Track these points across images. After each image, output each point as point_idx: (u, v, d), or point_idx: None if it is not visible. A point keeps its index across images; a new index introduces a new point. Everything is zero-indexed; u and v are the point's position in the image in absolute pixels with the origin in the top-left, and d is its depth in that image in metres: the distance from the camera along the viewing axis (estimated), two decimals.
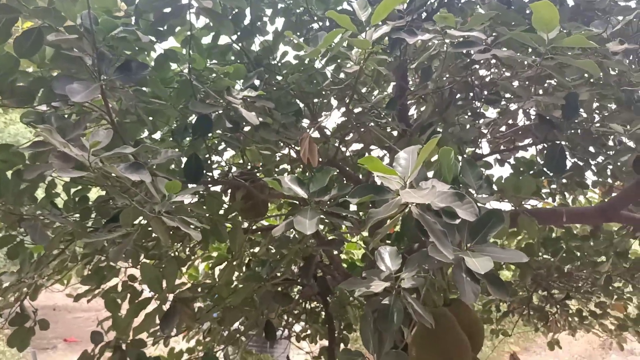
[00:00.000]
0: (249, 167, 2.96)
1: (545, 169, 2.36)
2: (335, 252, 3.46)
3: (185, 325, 3.41)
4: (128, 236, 1.62)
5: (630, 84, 2.06)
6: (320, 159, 2.38)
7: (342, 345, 4.55)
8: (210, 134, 2.58)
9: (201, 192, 2.45)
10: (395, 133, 2.90)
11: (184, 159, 2.23)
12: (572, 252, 3.91)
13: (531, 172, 3.03)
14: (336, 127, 3.02)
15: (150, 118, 2.26)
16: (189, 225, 1.67)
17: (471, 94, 2.75)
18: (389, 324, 1.67)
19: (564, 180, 3.43)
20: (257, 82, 2.30)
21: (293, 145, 2.64)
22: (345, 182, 3.02)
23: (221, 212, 2.44)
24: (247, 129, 2.46)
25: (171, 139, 2.22)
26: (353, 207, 2.41)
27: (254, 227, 3.07)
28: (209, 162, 2.53)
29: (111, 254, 1.65)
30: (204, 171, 2.43)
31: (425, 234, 1.51)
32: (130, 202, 1.55)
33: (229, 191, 2.87)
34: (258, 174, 2.89)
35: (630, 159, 2.18)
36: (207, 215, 2.33)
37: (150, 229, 2.56)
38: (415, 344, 2.90)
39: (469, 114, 2.93)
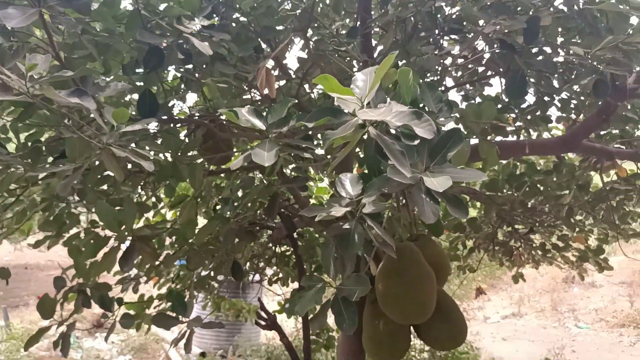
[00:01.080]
0: (210, 110, 2.88)
1: (506, 97, 2.34)
2: (304, 195, 3.44)
3: (149, 265, 3.39)
4: (77, 170, 1.55)
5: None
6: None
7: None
8: (163, 70, 2.48)
9: (158, 130, 2.37)
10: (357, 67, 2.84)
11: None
12: (535, 187, 3.96)
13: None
14: (298, 65, 2.94)
15: (102, 57, 2.16)
16: (142, 157, 1.61)
17: (436, 30, 2.70)
18: (349, 248, 1.66)
19: (529, 117, 3.44)
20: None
21: (251, 82, 2.57)
22: None
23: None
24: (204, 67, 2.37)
25: (121, 72, 2.12)
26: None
27: (217, 169, 3.01)
28: (168, 105, 2.45)
29: (58, 187, 1.59)
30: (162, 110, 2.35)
31: (384, 157, 1.48)
32: (77, 133, 1.48)
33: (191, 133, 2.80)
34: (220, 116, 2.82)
35: (590, 82, 2.16)
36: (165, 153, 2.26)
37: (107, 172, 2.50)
38: (381, 278, 2.93)
39: (433, 46, 2.88)
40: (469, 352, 6.50)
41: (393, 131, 1.43)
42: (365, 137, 1.49)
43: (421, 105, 1.68)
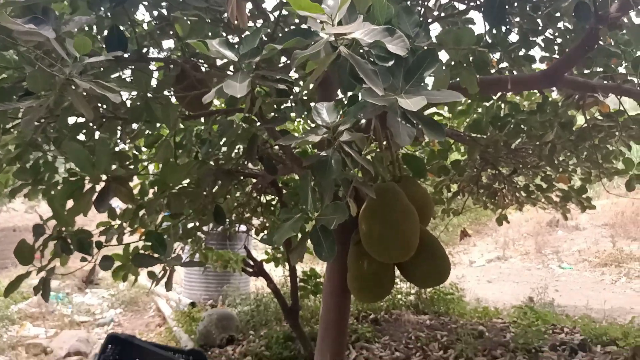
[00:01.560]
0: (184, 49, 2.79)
1: (485, 22, 2.28)
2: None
3: (133, 215, 3.35)
4: (41, 105, 1.49)
5: None
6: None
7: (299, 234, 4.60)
8: (133, 5, 2.39)
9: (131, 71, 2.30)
10: None
11: None
12: (519, 127, 3.94)
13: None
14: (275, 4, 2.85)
15: None
16: (107, 90, 1.55)
17: None
18: (326, 175, 1.63)
19: (512, 56, 3.38)
20: None
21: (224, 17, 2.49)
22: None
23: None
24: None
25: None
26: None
27: (195, 114, 2.94)
28: (142, 51, 2.36)
29: (22, 124, 1.53)
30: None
31: (358, 79, 1.43)
32: (37, 64, 1.41)
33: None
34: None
35: (571, 5, 2.10)
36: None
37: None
38: (364, 218, 2.92)
39: None
40: (454, 293, 6.63)
41: (367, 56, 1.38)
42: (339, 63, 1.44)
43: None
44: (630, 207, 12.86)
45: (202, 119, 3.40)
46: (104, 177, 2.03)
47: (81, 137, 2.82)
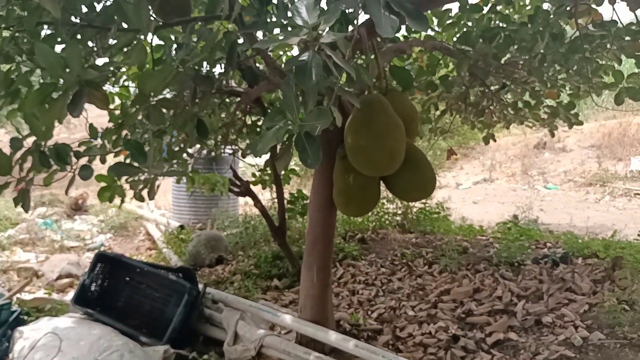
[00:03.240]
0: None
1: None
2: (270, 53, 3.27)
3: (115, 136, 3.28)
4: None
5: None
6: None
7: None
8: None
9: None
10: None
11: None
12: (509, 39, 3.84)
13: None
14: None
15: None
16: None
17: None
18: (307, 79, 1.55)
19: None
20: None
21: None
22: None
23: None
24: None
25: None
26: None
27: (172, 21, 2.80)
28: None
29: None
30: None
31: None
32: None
33: None
34: None
35: None
36: None
37: None
38: (350, 130, 2.87)
39: None
40: (439, 212, 6.71)
41: None
42: None
43: None
44: (618, 128, 12.93)
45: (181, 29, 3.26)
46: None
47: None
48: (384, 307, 4.22)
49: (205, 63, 2.79)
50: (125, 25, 2.24)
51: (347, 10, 1.65)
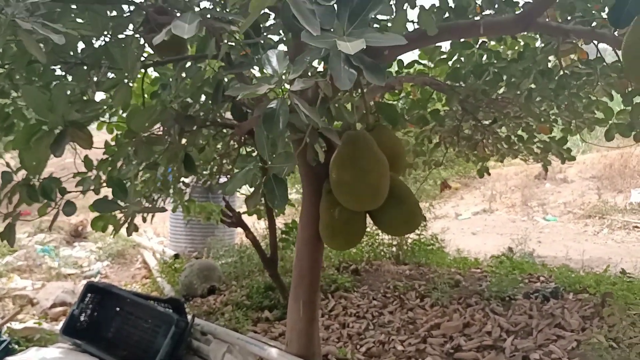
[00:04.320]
0: None
1: None
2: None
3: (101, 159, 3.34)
4: None
5: None
6: None
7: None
8: None
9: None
10: None
11: None
12: (498, 75, 3.92)
13: None
14: None
15: None
16: (52, 31, 1.51)
17: None
18: (273, 127, 1.61)
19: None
20: None
21: None
22: None
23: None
24: None
25: None
26: None
27: (160, 60, 2.89)
28: None
29: None
30: None
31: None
32: None
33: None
34: None
35: None
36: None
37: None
38: (334, 166, 2.92)
39: None
40: (434, 244, 6.71)
41: None
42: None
43: None
44: (619, 159, 12.93)
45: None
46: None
47: None
48: (373, 342, 4.22)
49: (191, 99, 2.87)
50: None
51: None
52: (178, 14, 2.54)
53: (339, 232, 3.19)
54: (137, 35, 2.55)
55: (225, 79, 2.88)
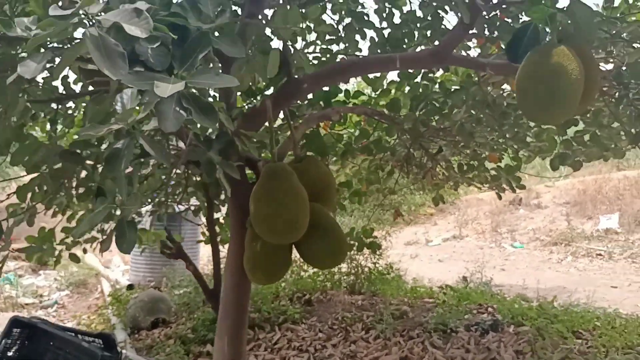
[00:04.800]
0: None
1: None
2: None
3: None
4: None
5: None
6: None
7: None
8: None
9: None
10: None
11: None
12: (434, 105, 3.95)
13: None
14: None
15: None
16: None
17: None
18: (115, 168, 1.56)
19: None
20: None
21: None
22: None
23: None
24: None
25: None
26: None
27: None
28: None
29: None
30: None
31: (134, 61, 1.38)
32: None
33: None
34: None
35: None
36: None
37: None
38: (252, 199, 2.87)
39: None
40: (389, 273, 6.64)
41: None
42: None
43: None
44: (593, 185, 12.99)
45: None
46: None
47: None
48: None
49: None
50: None
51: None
52: None
53: (260, 266, 3.13)
54: None
55: None
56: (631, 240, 9.77)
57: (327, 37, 3.91)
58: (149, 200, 5.35)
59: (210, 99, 3.53)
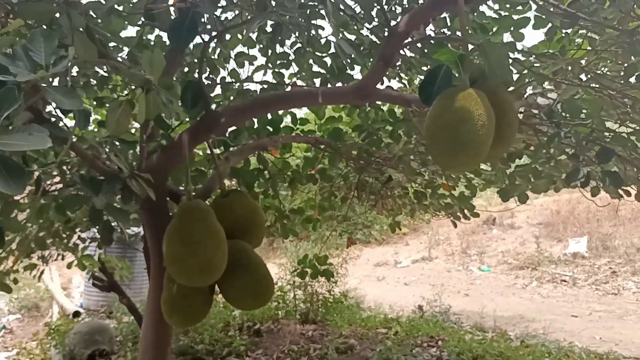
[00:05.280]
0: None
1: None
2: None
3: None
4: None
5: None
6: None
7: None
8: None
9: None
10: None
11: None
12: (374, 136, 3.90)
13: None
14: None
15: None
16: None
17: None
18: None
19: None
20: None
21: None
22: None
23: None
24: None
25: None
26: None
27: None
28: None
29: None
30: None
31: None
32: None
33: None
34: None
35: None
36: None
37: None
38: (166, 239, 2.71)
39: None
40: (342, 302, 6.47)
41: None
42: None
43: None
44: (567, 206, 12.89)
45: None
46: None
47: None
48: None
49: None
50: None
51: None
52: None
53: (177, 309, 2.95)
54: None
55: None
56: (597, 266, 9.66)
57: (278, 61, 3.82)
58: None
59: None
